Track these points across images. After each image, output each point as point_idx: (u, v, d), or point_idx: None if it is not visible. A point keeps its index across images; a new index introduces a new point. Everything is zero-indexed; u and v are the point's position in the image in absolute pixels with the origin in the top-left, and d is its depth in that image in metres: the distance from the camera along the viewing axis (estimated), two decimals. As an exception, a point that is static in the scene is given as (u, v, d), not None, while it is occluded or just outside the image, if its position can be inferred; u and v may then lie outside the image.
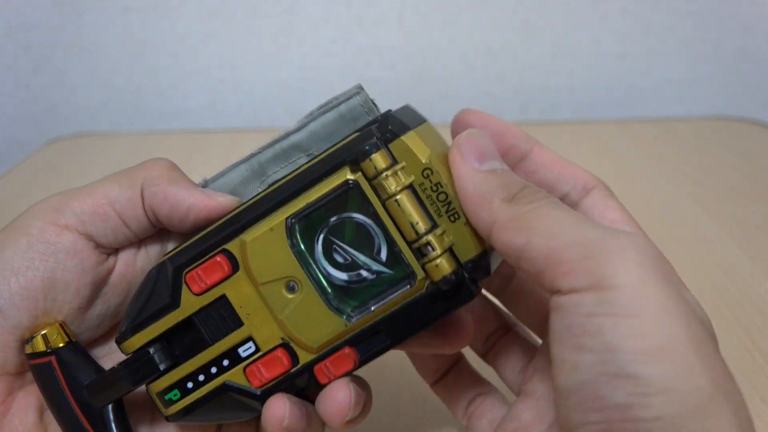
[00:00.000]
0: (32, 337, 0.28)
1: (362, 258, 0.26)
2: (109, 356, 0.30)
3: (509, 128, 0.28)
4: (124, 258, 0.29)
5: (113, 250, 0.29)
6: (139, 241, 0.29)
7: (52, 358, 0.28)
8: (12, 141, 0.84)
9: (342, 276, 0.26)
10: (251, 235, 0.26)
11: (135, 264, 0.29)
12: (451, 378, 0.32)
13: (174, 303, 0.27)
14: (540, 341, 0.30)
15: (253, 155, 0.29)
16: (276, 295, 0.26)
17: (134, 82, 0.82)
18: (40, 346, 0.28)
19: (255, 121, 0.83)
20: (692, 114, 0.84)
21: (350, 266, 0.26)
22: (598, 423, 0.20)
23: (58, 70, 0.81)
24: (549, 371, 0.26)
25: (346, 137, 0.26)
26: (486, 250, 0.25)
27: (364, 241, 0.26)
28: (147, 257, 0.30)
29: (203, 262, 0.26)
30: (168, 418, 0.28)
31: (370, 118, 0.28)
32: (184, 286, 0.27)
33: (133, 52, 0.80)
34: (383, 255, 0.26)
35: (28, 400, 0.28)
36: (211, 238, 0.27)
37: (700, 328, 0.20)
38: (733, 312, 0.45)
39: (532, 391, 0.28)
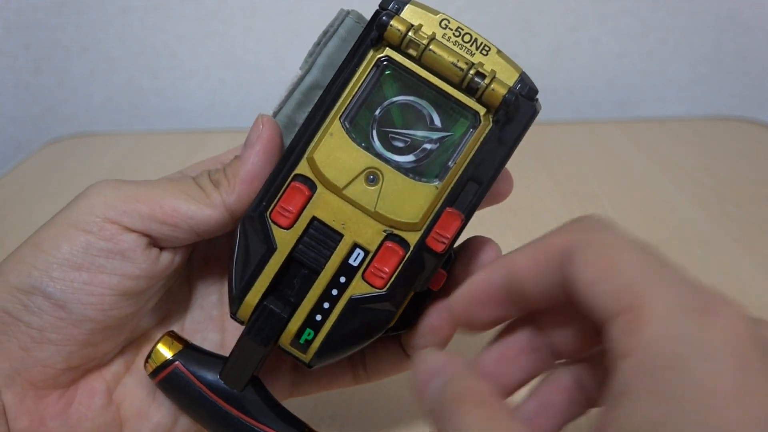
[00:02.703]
0: (149, 356, 0.28)
1: (420, 134, 0.27)
2: None
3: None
4: (185, 250, 0.29)
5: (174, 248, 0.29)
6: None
7: (177, 364, 0.27)
8: (12, 141, 0.84)
9: (409, 158, 0.27)
10: (314, 148, 0.26)
11: (194, 253, 0.30)
12: None
13: (270, 247, 0.27)
14: None
15: (276, 113, 0.30)
16: (361, 193, 0.26)
17: (134, 82, 0.82)
18: (160, 358, 0.27)
19: (255, 121, 0.83)
20: (692, 114, 0.84)
21: (412, 146, 0.27)
22: None
23: (58, 70, 0.81)
24: None
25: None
26: (524, 72, 0.27)
27: (414, 118, 0.26)
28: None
29: (281, 196, 0.26)
30: (310, 365, 0.27)
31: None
32: (273, 227, 0.26)
33: (133, 52, 0.80)
34: (437, 121, 0.26)
35: (92, 386, 0.28)
36: (278, 173, 0.27)
37: None
38: (733, 312, 0.45)
39: None
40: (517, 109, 0.26)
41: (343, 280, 0.27)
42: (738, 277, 0.49)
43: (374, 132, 0.27)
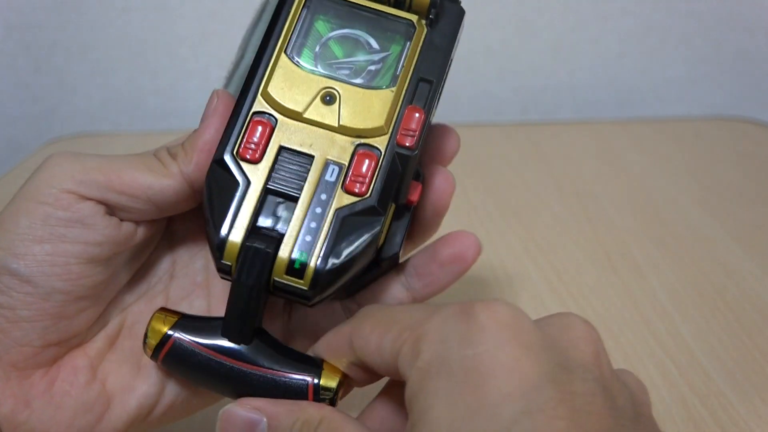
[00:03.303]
0: (144, 338, 0.27)
1: (362, 58, 0.28)
2: None
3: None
4: (150, 224, 0.29)
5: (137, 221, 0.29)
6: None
7: (176, 334, 0.26)
8: (12, 141, 0.84)
9: (358, 81, 0.28)
10: (267, 84, 0.28)
11: (158, 224, 0.30)
12: None
13: (245, 182, 0.27)
14: None
15: None
16: (322, 113, 0.27)
17: (134, 82, 0.82)
18: (157, 335, 0.26)
19: (255, 121, 0.83)
20: (692, 114, 0.84)
21: (358, 71, 0.28)
22: None
23: (58, 70, 0.81)
24: None
25: None
26: None
27: (353, 47, 0.29)
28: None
29: (245, 134, 0.27)
30: (309, 294, 0.26)
31: None
32: (242, 163, 0.27)
33: (133, 52, 0.80)
34: (375, 44, 0.29)
35: (75, 363, 0.28)
36: (236, 116, 0.28)
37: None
38: (733, 312, 0.45)
39: None
40: (444, 9, 0.29)
41: (324, 197, 0.27)
42: (738, 277, 0.49)
43: (319, 66, 0.28)
